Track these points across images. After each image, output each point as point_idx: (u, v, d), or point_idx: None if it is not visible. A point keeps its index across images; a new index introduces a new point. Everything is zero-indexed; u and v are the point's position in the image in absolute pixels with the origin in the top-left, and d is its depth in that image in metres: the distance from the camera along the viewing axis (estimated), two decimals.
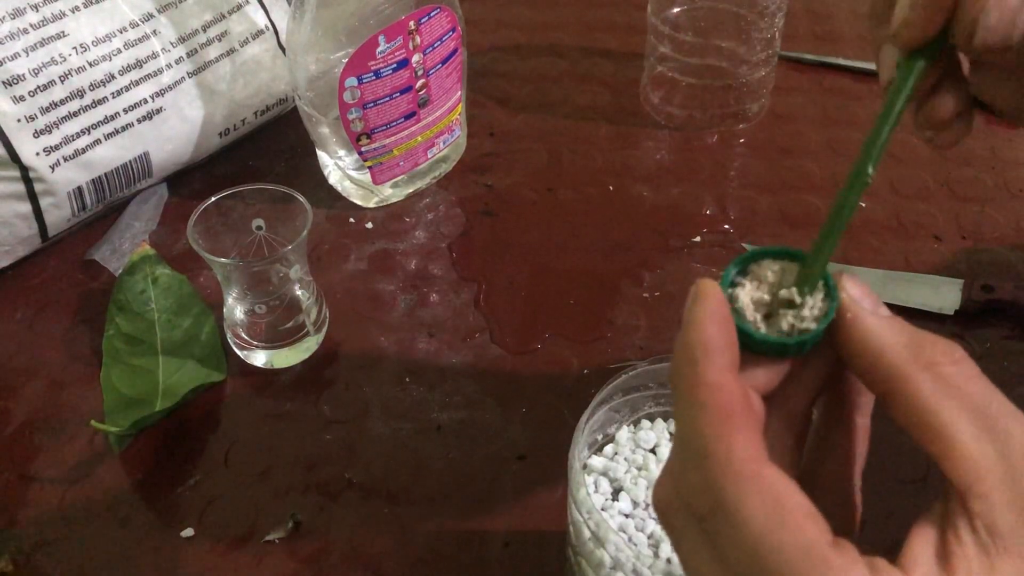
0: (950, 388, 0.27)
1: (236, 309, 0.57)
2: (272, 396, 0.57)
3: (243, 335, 0.58)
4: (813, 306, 0.30)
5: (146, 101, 0.65)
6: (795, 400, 0.31)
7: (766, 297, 0.31)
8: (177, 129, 0.67)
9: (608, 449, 0.45)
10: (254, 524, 0.51)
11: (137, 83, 0.64)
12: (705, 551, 0.27)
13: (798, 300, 0.30)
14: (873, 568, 0.25)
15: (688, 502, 0.27)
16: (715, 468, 0.26)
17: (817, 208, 0.68)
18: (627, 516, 0.43)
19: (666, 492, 0.29)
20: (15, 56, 0.59)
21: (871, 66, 0.83)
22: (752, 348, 0.30)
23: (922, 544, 0.26)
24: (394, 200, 0.69)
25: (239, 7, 0.69)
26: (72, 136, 0.62)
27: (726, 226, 0.67)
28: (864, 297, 0.30)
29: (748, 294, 0.31)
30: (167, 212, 0.69)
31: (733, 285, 0.31)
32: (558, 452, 0.52)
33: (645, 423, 0.46)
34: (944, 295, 0.60)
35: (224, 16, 0.68)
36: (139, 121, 0.65)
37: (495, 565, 0.49)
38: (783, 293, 0.30)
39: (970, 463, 0.26)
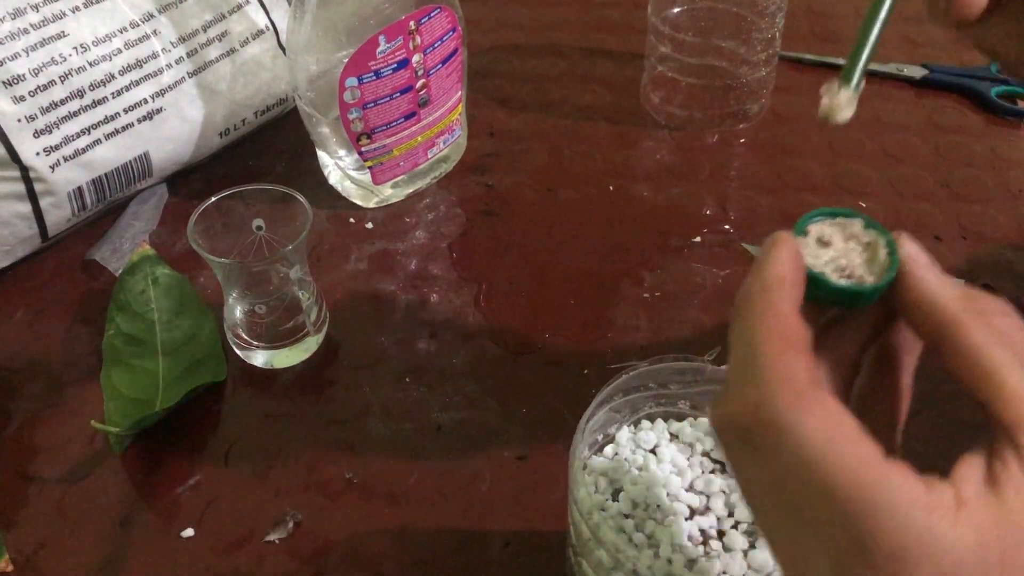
0: (1000, 336, 0.29)
1: (236, 309, 0.57)
2: (272, 396, 0.57)
3: (243, 335, 0.58)
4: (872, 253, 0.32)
5: (146, 101, 0.65)
6: (844, 347, 0.32)
7: (830, 252, 0.33)
8: (177, 129, 0.67)
9: (608, 449, 0.45)
10: (254, 524, 0.51)
11: (137, 83, 0.64)
12: (754, 466, 0.30)
13: (836, 88, 0.36)
14: (926, 482, 0.27)
15: (739, 413, 0.29)
16: (774, 384, 0.28)
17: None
18: (627, 516, 0.43)
19: (722, 410, 0.31)
20: (15, 56, 0.59)
21: (871, 66, 0.83)
22: (821, 296, 0.31)
23: (969, 468, 0.28)
24: (394, 200, 0.69)
25: (239, 7, 0.69)
26: (72, 136, 0.62)
27: (726, 226, 0.67)
28: (920, 255, 0.32)
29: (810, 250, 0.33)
30: (167, 212, 0.69)
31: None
32: (558, 452, 0.52)
33: (645, 423, 0.46)
34: None
35: (224, 16, 0.68)
36: (139, 121, 0.65)
37: (495, 565, 0.49)
38: (825, 101, 0.36)
39: (1018, 401, 0.27)
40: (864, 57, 0.37)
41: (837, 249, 0.33)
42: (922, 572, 0.26)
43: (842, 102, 0.37)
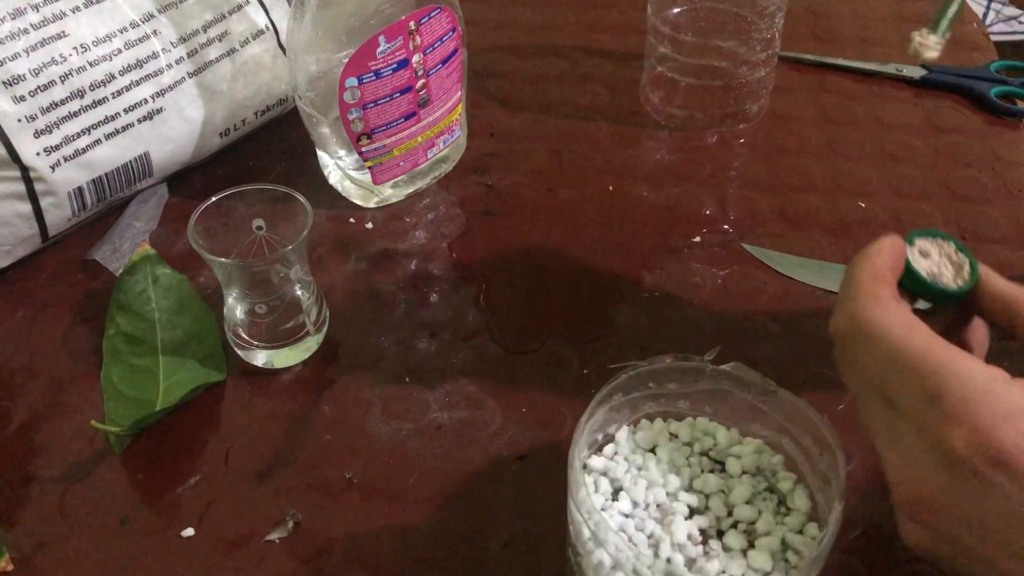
0: None
1: (236, 309, 0.57)
2: (272, 396, 0.57)
3: (243, 335, 0.58)
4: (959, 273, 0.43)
5: (146, 101, 0.65)
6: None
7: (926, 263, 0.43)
8: (177, 129, 0.67)
9: (608, 449, 0.45)
10: (254, 524, 0.51)
11: (137, 83, 0.64)
12: (854, 363, 0.40)
13: (930, 30, 0.47)
14: (989, 368, 0.36)
15: (839, 323, 0.40)
16: (865, 298, 0.39)
17: (817, 208, 0.68)
18: (627, 516, 0.43)
19: (830, 327, 0.41)
20: (15, 56, 0.59)
21: (871, 66, 0.83)
22: (917, 288, 0.42)
23: None
24: (394, 200, 0.69)
25: (239, 7, 0.69)
26: (72, 136, 0.62)
27: (726, 226, 0.67)
28: (994, 272, 0.43)
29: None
30: (167, 212, 0.69)
31: None
32: (558, 452, 0.52)
33: (645, 423, 0.46)
34: None
35: (224, 16, 0.68)
36: (139, 121, 0.65)
37: (495, 565, 0.49)
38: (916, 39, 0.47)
39: None
40: (953, 9, 0.47)
41: (933, 260, 0.43)
42: (984, 412, 0.34)
43: (931, 43, 0.45)
